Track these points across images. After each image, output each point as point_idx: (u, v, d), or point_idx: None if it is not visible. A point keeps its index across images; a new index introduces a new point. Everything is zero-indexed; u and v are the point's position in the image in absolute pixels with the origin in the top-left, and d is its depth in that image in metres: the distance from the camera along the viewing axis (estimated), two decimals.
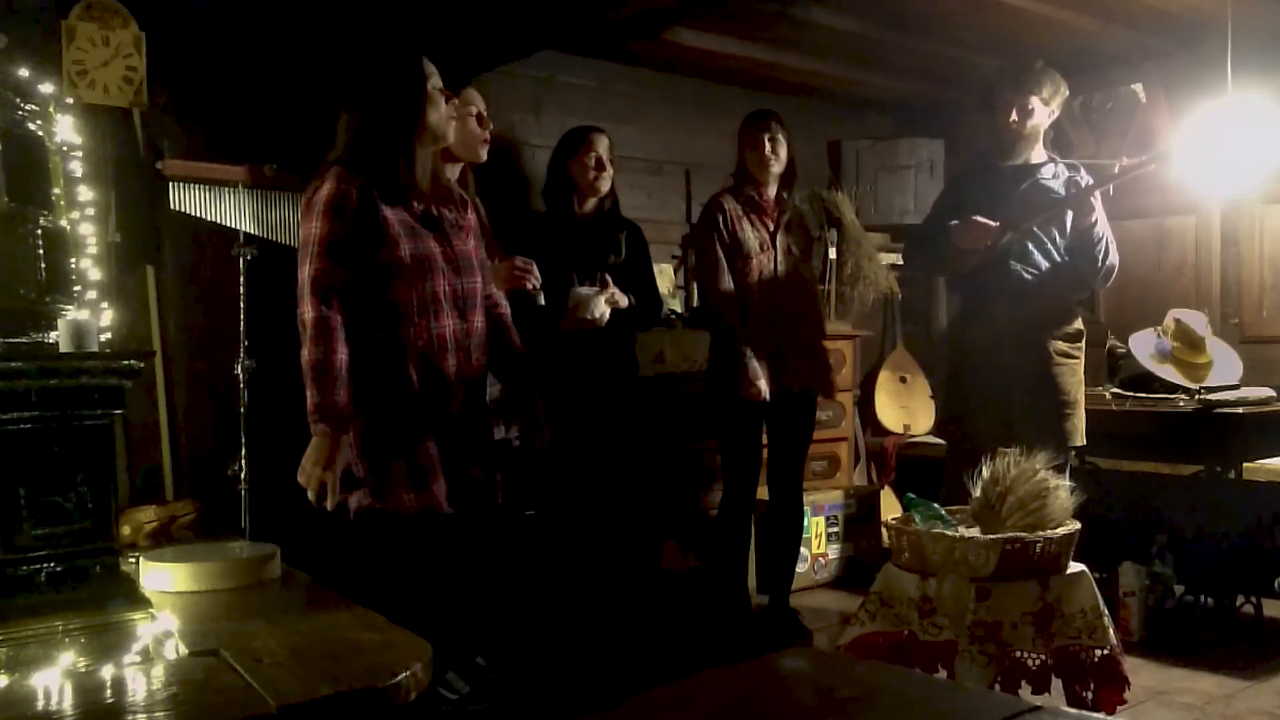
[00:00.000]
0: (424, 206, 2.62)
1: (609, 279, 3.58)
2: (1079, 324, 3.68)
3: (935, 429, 4.02)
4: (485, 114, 3.17)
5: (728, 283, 3.67)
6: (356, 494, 2.55)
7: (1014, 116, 3.61)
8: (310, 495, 2.47)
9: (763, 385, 3.60)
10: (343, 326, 2.45)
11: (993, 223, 3.52)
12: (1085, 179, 3.70)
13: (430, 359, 2.57)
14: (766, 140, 3.68)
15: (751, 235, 3.70)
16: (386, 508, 2.54)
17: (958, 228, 3.56)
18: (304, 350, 2.44)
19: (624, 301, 3.55)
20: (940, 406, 3.91)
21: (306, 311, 2.44)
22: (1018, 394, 3.58)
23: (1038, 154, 3.71)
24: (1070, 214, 3.60)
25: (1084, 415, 3.63)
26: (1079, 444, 3.61)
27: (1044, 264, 3.61)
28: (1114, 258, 3.64)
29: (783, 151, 3.72)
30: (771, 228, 3.74)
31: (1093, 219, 3.53)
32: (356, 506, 2.56)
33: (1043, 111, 3.65)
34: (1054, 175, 3.69)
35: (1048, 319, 3.61)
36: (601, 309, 3.48)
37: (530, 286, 3.07)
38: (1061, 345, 3.61)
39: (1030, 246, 3.60)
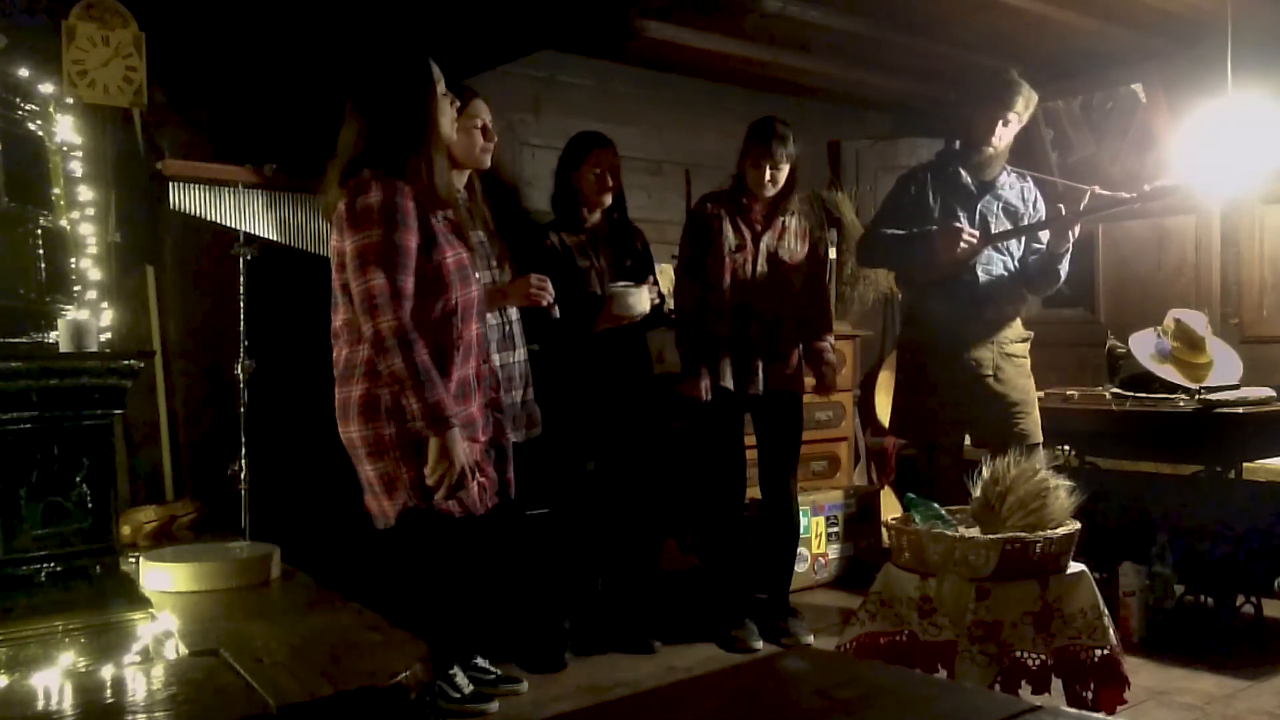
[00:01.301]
0: (445, 212, 2.63)
1: (653, 275, 3.68)
2: (1023, 328, 3.71)
3: (890, 428, 4.00)
4: (490, 125, 3.19)
5: (687, 288, 3.74)
6: (400, 497, 2.54)
7: (997, 135, 3.57)
8: (440, 494, 2.48)
9: (702, 386, 3.64)
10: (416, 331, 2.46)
11: (976, 235, 3.51)
12: (1031, 188, 3.72)
13: (462, 363, 2.59)
14: (767, 167, 3.64)
15: (731, 235, 3.69)
16: (434, 509, 2.53)
17: (940, 235, 3.53)
18: (390, 361, 2.40)
19: (656, 298, 3.60)
20: (893, 406, 3.88)
21: (385, 321, 2.40)
22: (972, 395, 3.59)
23: (998, 164, 3.70)
24: (1028, 235, 3.62)
25: (1039, 414, 3.66)
26: (1038, 441, 3.61)
27: (1003, 272, 3.62)
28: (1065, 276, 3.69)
29: (782, 176, 3.68)
30: (758, 229, 3.72)
31: (1067, 247, 3.54)
32: (401, 508, 2.55)
33: (1017, 126, 3.63)
34: (1009, 185, 3.70)
35: (999, 321, 3.63)
36: (645, 303, 3.51)
37: (545, 303, 3.11)
38: (1016, 347, 3.64)
39: (993, 255, 3.61)
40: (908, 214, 3.67)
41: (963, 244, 3.48)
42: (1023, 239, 3.65)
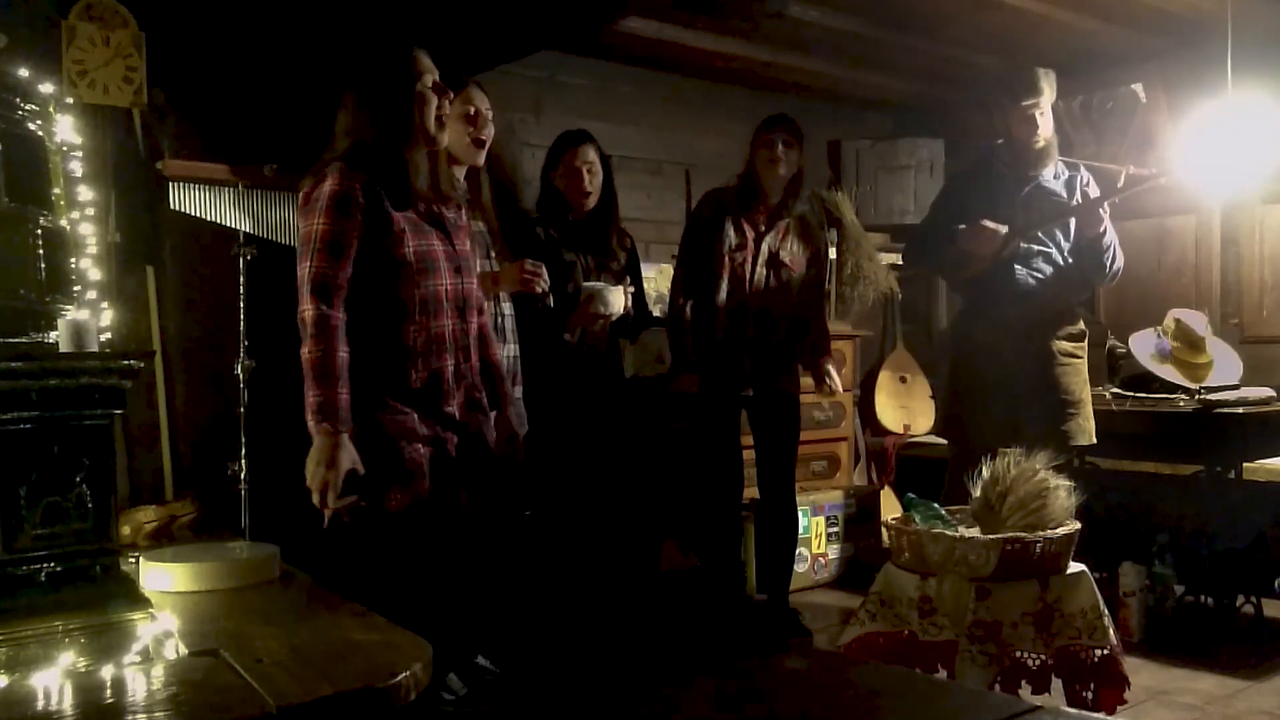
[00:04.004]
0: (425, 205, 2.61)
1: (632, 277, 3.63)
2: (1081, 324, 3.68)
3: (938, 428, 4.01)
4: (482, 111, 3.10)
5: (684, 280, 3.76)
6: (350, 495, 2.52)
7: (1041, 130, 3.56)
8: (315, 497, 2.42)
9: (693, 381, 3.66)
10: (343, 325, 2.44)
11: (1002, 228, 3.51)
12: (1085, 177, 3.69)
13: (430, 359, 2.57)
14: (780, 143, 3.65)
15: (732, 234, 3.69)
16: (375, 506, 2.52)
17: (965, 232, 3.53)
18: (304, 349, 2.41)
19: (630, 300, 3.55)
20: (942, 406, 3.89)
21: (307, 309, 2.42)
22: (1021, 395, 3.58)
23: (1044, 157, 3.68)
24: (1074, 221, 3.59)
25: (1091, 415, 3.63)
26: (1086, 443, 3.60)
27: (1048, 268, 3.60)
28: (1120, 261, 3.64)
29: (793, 158, 3.69)
30: (761, 229, 3.72)
31: (1102, 229, 3.52)
32: (350, 504, 2.53)
33: (1051, 114, 3.63)
34: (1055, 176, 3.67)
35: (1050, 320, 3.60)
36: (620, 304, 3.47)
37: (539, 289, 3.06)
38: (1065, 345, 3.61)
39: (1034, 250, 3.59)
40: (950, 215, 3.67)
41: (984, 236, 3.48)
42: (1071, 230, 3.62)
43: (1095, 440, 3.64)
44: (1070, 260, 3.62)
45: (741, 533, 3.83)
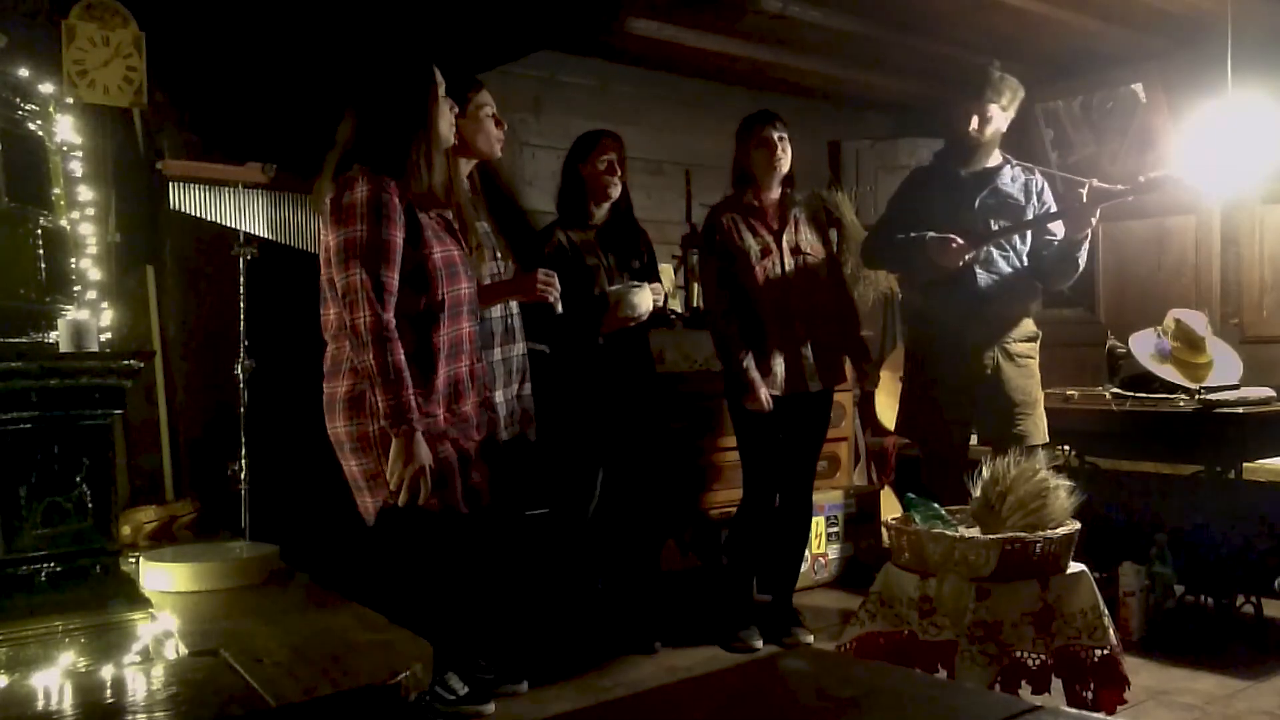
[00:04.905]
0: (437, 211, 2.63)
1: (656, 275, 3.65)
2: (1034, 327, 3.68)
3: (897, 428, 4.00)
4: (498, 115, 3.21)
5: (723, 302, 3.69)
6: (381, 493, 2.53)
7: (974, 125, 3.58)
8: (402, 497, 2.45)
9: (764, 395, 3.60)
10: (395, 329, 2.46)
11: (967, 246, 3.49)
12: (1040, 182, 3.69)
13: (452, 361, 2.60)
14: (777, 139, 3.65)
15: (752, 242, 3.68)
16: (414, 506, 2.53)
17: (933, 244, 3.52)
18: (366, 355, 2.41)
19: (660, 297, 3.58)
20: (900, 406, 3.88)
21: (363, 316, 2.42)
22: (976, 396, 3.58)
23: (994, 158, 3.68)
24: (1033, 229, 3.61)
25: (1043, 414, 3.63)
26: (1040, 443, 3.60)
27: (1007, 270, 3.59)
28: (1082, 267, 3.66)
29: (787, 154, 3.69)
30: (775, 228, 3.72)
31: (1085, 234, 3.51)
32: (382, 504, 2.54)
33: (1001, 118, 3.62)
34: (1011, 179, 3.67)
35: (1005, 322, 3.60)
36: (648, 303, 3.50)
37: (552, 299, 3.11)
38: (1020, 347, 3.61)
39: (994, 253, 3.59)
40: (910, 214, 3.66)
41: (954, 248, 3.48)
42: (1029, 233, 3.64)
43: (1049, 438, 3.64)
44: (1026, 263, 3.62)
45: (757, 534, 3.82)
